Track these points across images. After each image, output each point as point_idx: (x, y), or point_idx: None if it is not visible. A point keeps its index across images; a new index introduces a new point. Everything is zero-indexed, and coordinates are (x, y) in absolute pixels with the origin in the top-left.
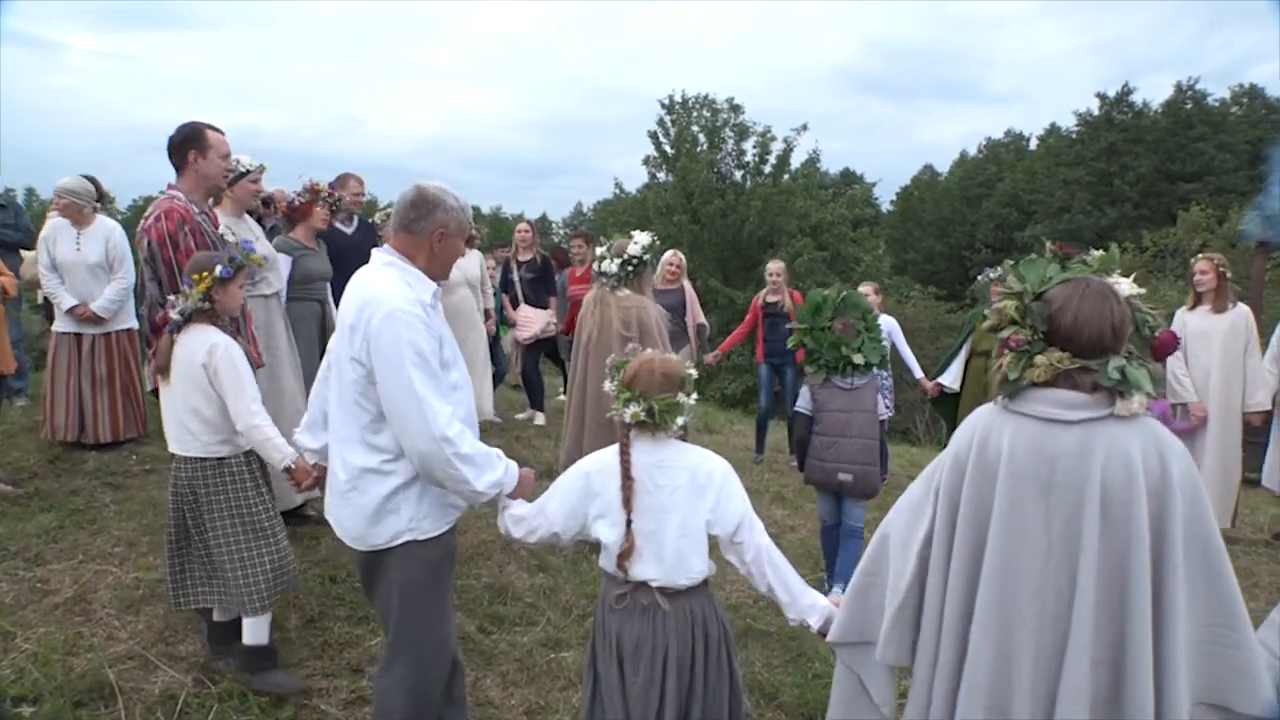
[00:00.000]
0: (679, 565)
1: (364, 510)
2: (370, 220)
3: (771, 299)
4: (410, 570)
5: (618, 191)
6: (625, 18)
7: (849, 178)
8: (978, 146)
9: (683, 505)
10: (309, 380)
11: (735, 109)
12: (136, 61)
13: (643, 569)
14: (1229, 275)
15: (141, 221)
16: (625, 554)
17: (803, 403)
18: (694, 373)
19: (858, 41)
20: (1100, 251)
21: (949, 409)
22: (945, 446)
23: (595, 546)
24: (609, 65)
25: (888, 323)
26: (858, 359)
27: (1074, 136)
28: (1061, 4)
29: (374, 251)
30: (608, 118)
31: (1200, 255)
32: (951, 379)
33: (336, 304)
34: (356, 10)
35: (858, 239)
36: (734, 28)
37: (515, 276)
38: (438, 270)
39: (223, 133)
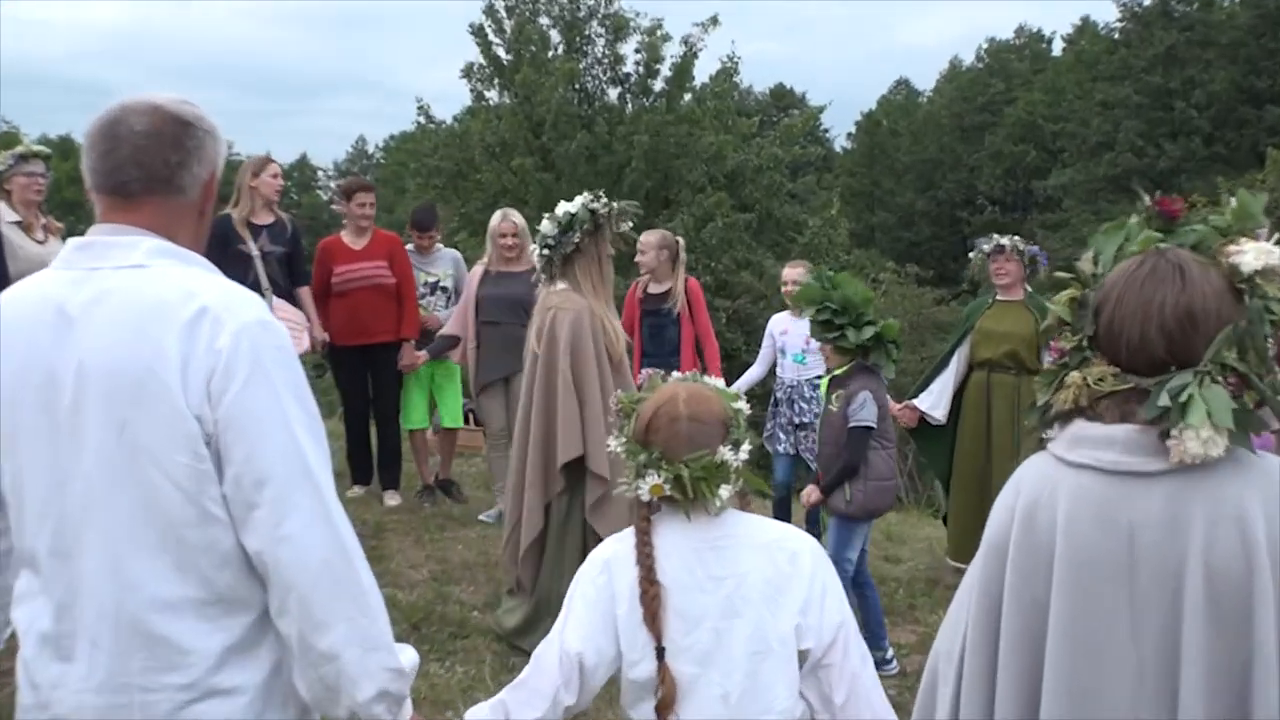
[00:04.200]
0: (755, 699)
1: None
2: None
3: (653, 290)
4: None
5: (423, 121)
6: None
7: (784, 98)
8: (976, 52)
9: (756, 605)
10: None
11: None
12: None
13: (698, 713)
14: None
15: None
16: (665, 703)
17: (868, 414)
18: (744, 405)
19: None
20: (1232, 200)
21: (937, 449)
22: (939, 509)
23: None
24: None
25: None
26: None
27: (1116, 37)
28: None
29: (99, 238)
30: (405, 3)
31: None
32: (933, 404)
33: None
34: None
35: (799, 192)
36: None
37: (252, 250)
38: (201, 248)
39: None
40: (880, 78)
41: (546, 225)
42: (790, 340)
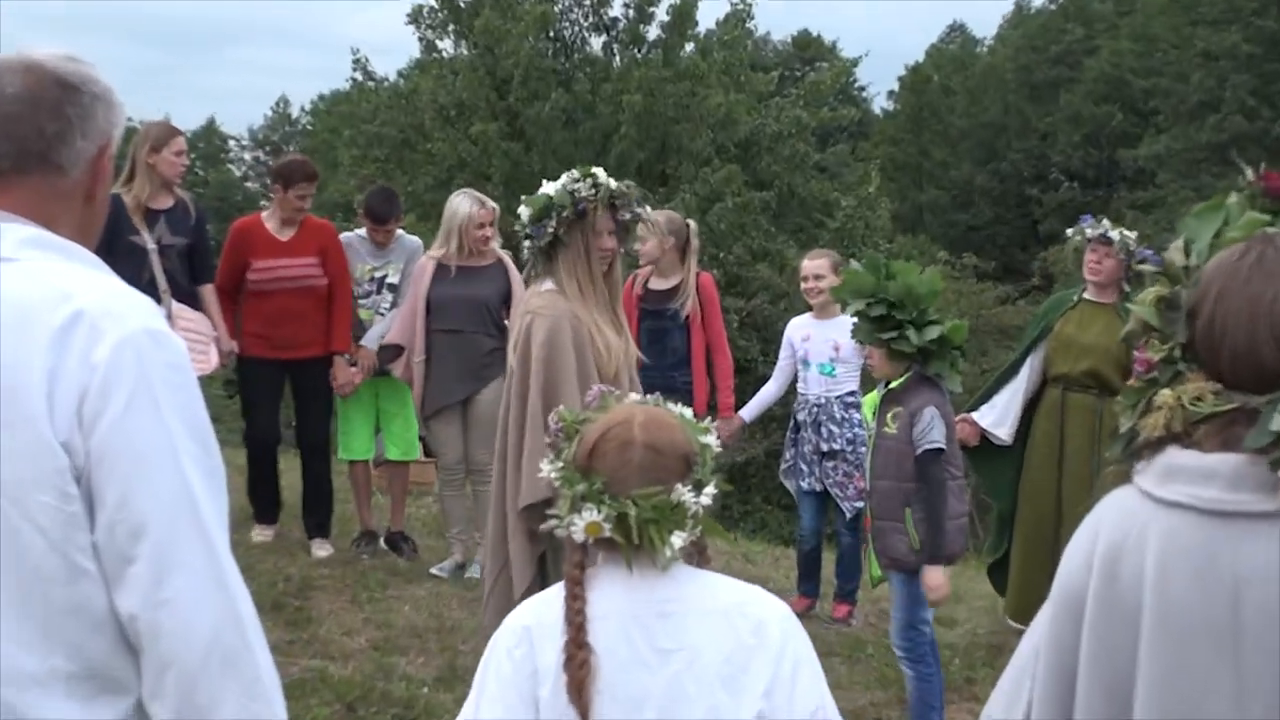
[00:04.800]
0: None
1: None
2: None
3: (656, 285)
4: None
5: (359, 78)
6: None
7: (810, 48)
8: None
9: (711, 688)
10: None
11: None
12: None
13: None
14: None
15: None
16: None
17: (939, 434)
18: (713, 440)
19: None
20: None
21: (997, 472)
22: (987, 549)
23: None
24: None
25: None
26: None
27: None
28: None
29: None
30: None
31: None
32: (997, 419)
33: None
34: None
35: (829, 165)
36: None
37: (146, 242)
38: (91, 240)
39: None
40: (929, 23)
41: (524, 211)
42: (814, 348)
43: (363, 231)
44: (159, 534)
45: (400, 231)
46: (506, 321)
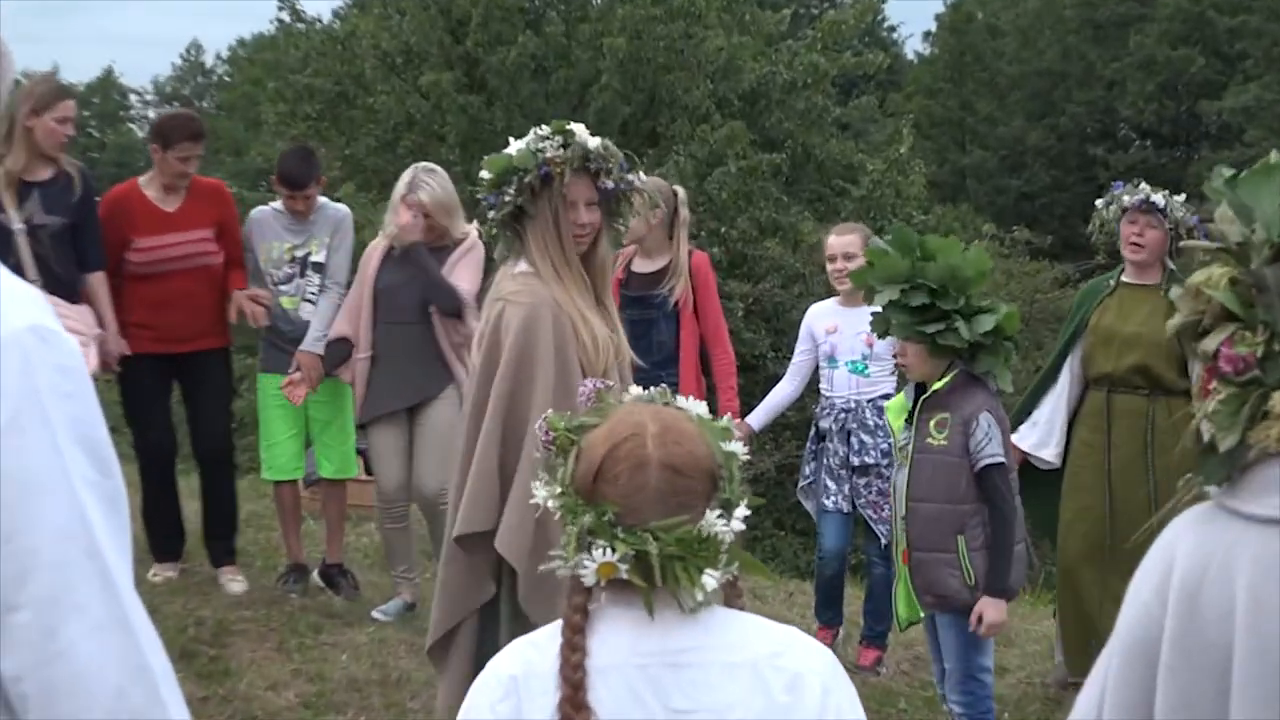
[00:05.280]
0: None
1: None
2: None
3: (640, 268)
4: None
5: (286, 19)
6: None
7: None
8: None
9: None
10: None
11: None
12: None
13: None
14: None
15: None
16: None
17: (997, 445)
18: (739, 446)
19: None
20: None
21: (1045, 502)
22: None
23: None
24: None
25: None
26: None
27: None
28: None
29: None
30: None
31: None
32: (1040, 440)
33: None
34: None
35: (853, 121)
36: None
37: (12, 221)
38: None
39: None
40: None
41: (484, 175)
42: (842, 342)
43: (278, 204)
44: (49, 575)
45: (323, 199)
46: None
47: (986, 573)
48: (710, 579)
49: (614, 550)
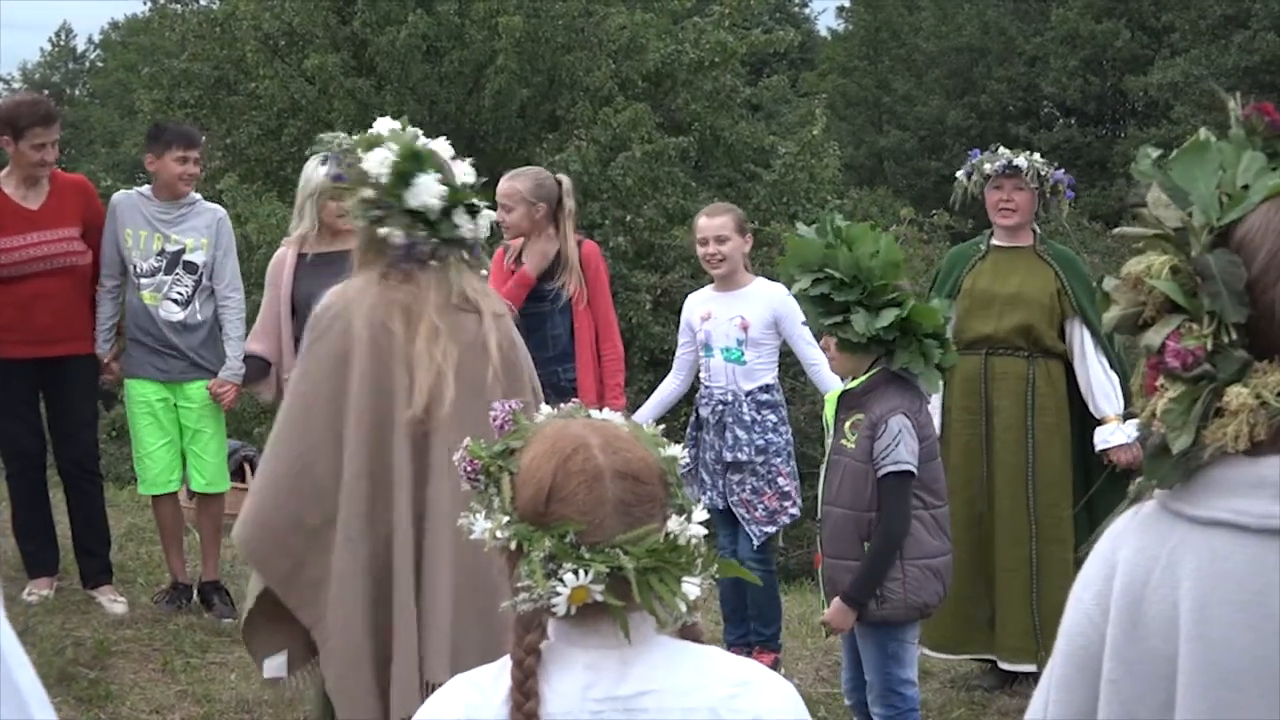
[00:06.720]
0: None
1: None
2: None
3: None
4: None
5: (160, 0)
6: None
7: None
8: None
9: None
10: None
11: None
12: None
13: None
14: None
15: None
16: None
17: (905, 451)
18: (677, 449)
19: None
20: None
21: None
22: None
23: None
24: None
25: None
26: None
27: None
28: None
29: None
30: None
31: None
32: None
33: None
34: None
35: (764, 102)
36: None
37: None
38: None
39: None
40: None
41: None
42: (716, 328)
43: (146, 189)
44: None
45: (195, 195)
46: None
47: (853, 579)
48: (691, 587)
49: (586, 572)
